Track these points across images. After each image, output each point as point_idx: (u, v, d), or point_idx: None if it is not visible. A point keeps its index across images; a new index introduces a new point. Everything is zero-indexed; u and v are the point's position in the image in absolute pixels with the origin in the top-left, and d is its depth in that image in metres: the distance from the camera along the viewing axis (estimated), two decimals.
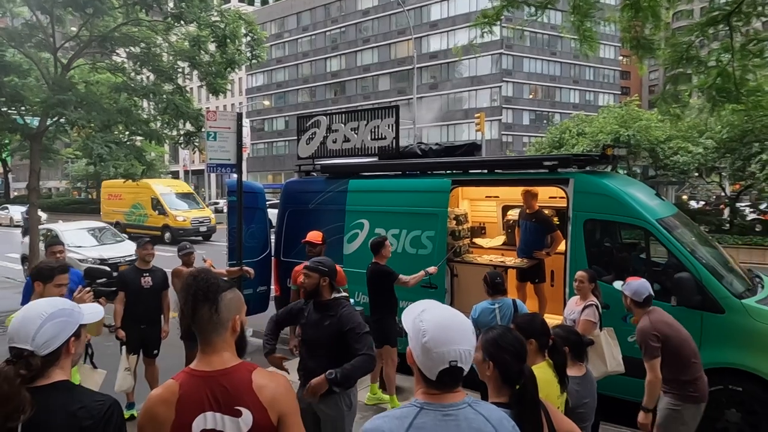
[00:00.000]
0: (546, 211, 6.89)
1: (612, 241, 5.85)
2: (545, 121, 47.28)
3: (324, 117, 7.58)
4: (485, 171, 6.37)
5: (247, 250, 7.23)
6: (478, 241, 7.57)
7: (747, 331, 4.48)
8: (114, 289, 5.09)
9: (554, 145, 23.58)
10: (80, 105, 9.23)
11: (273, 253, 7.63)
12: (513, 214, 7.44)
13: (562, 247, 6.01)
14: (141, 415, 1.72)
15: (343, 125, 7.31)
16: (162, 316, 5.32)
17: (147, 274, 5.19)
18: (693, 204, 30.10)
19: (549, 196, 6.82)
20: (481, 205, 7.90)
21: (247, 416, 1.70)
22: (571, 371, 2.87)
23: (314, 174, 7.56)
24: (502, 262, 6.46)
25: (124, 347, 5.06)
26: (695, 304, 4.56)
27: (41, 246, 10.26)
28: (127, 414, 4.87)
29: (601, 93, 56.41)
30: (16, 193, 49.26)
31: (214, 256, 7.58)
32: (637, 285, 3.68)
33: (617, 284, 3.91)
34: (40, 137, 10.14)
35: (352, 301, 5.28)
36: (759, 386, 4.38)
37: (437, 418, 1.45)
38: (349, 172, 7.16)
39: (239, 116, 7.18)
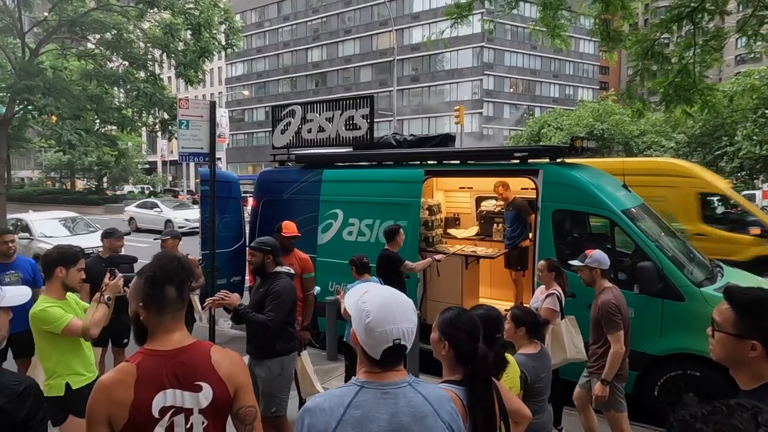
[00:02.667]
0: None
1: (580, 232, 5.96)
2: (525, 115, 47.69)
3: (299, 107, 7.53)
4: (458, 162, 6.42)
5: (221, 239, 7.17)
6: (452, 231, 7.64)
7: (706, 318, 4.61)
8: (134, 275, 5.03)
9: (532, 139, 23.85)
10: (48, 91, 9.01)
11: (247, 243, 7.59)
12: (486, 205, 7.53)
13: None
14: (91, 400, 1.70)
15: (317, 115, 7.28)
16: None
17: (126, 264, 5.12)
18: None
19: (521, 187, 6.91)
20: (455, 196, 7.97)
21: (207, 390, 1.76)
22: (528, 349, 2.97)
23: (289, 164, 7.53)
24: (473, 251, 6.54)
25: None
26: (656, 292, 4.69)
27: None
28: None
29: (581, 87, 57.13)
30: None
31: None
32: (599, 254, 3.84)
33: (574, 262, 4.01)
34: (6, 124, 9.88)
35: (318, 289, 5.38)
36: (716, 371, 4.54)
37: (376, 396, 1.48)
38: (323, 162, 7.16)
39: (212, 105, 7.09)
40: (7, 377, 1.69)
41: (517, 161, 5.80)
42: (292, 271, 4.09)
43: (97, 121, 10.67)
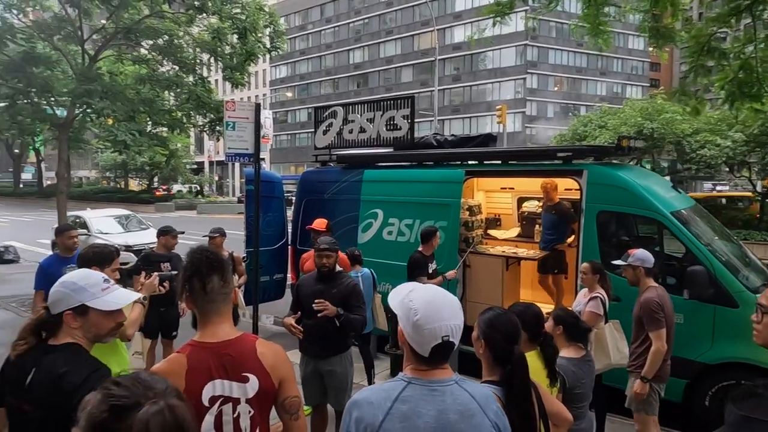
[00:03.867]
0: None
1: (626, 234, 5.79)
2: (570, 114, 46.49)
3: (340, 108, 7.64)
4: (499, 162, 6.36)
5: (264, 238, 7.36)
6: (492, 232, 7.56)
7: None
8: (175, 272, 5.29)
9: (576, 138, 23.19)
10: (105, 95, 9.50)
11: (290, 242, 7.77)
12: (528, 206, 7.41)
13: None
14: None
15: (359, 116, 7.37)
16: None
17: (167, 264, 5.35)
18: (723, 200, 29.25)
19: (565, 188, 6.77)
20: (497, 197, 7.88)
21: (253, 381, 1.83)
22: (569, 352, 2.91)
23: (331, 164, 7.66)
24: (514, 253, 6.45)
25: (140, 332, 5.25)
26: (708, 297, 4.50)
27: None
28: None
29: (629, 85, 55.16)
30: (48, 182, 50.80)
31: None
32: (642, 252, 3.77)
33: (618, 261, 3.96)
34: (68, 126, 10.48)
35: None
36: None
37: (423, 392, 1.50)
38: (364, 162, 7.23)
39: (257, 107, 7.29)
40: (80, 363, 1.77)
41: (561, 161, 5.69)
42: (346, 272, 4.28)
43: (150, 122, 11.15)
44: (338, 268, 3.95)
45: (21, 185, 52.33)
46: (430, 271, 5.33)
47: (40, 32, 10.27)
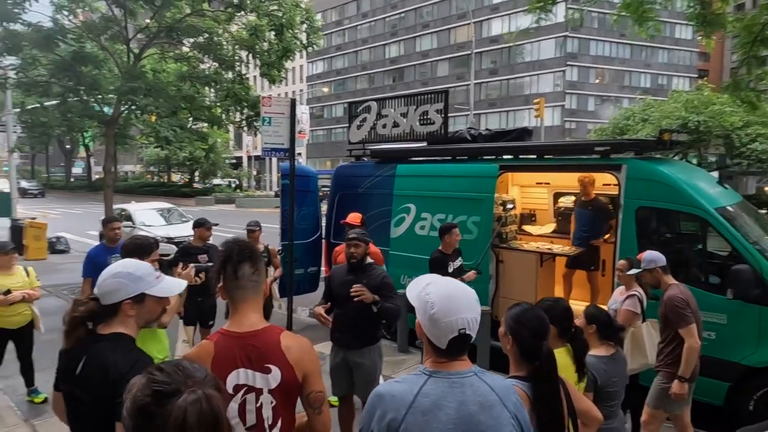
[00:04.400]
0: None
1: (667, 231, 5.60)
2: (612, 107, 45.05)
3: (374, 102, 7.68)
4: (534, 157, 6.25)
5: (299, 231, 7.50)
6: (527, 228, 7.45)
7: None
8: (211, 264, 5.51)
9: (618, 132, 22.50)
10: (149, 92, 9.85)
11: (324, 236, 7.88)
12: (565, 201, 7.26)
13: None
14: None
15: (392, 110, 7.38)
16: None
17: (204, 255, 5.54)
18: None
19: (602, 183, 6.60)
20: (532, 192, 7.75)
21: (276, 373, 1.86)
22: (600, 351, 2.87)
23: (364, 159, 7.71)
24: (549, 249, 6.34)
25: (181, 320, 5.47)
26: (754, 297, 4.32)
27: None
28: None
29: (676, 76, 52.98)
30: (96, 176, 53.04)
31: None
32: (650, 253, 3.73)
33: (632, 271, 3.90)
34: (114, 123, 10.92)
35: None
36: None
37: (444, 385, 1.52)
38: (397, 156, 7.25)
39: (293, 102, 7.42)
40: (128, 354, 1.83)
41: (599, 156, 5.55)
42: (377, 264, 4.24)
43: (190, 118, 11.49)
44: (369, 260, 3.98)
45: (72, 179, 54.88)
46: (451, 270, 5.15)
47: (89, 32, 10.73)
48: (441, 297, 1.55)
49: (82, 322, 1.84)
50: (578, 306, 4.18)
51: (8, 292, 4.62)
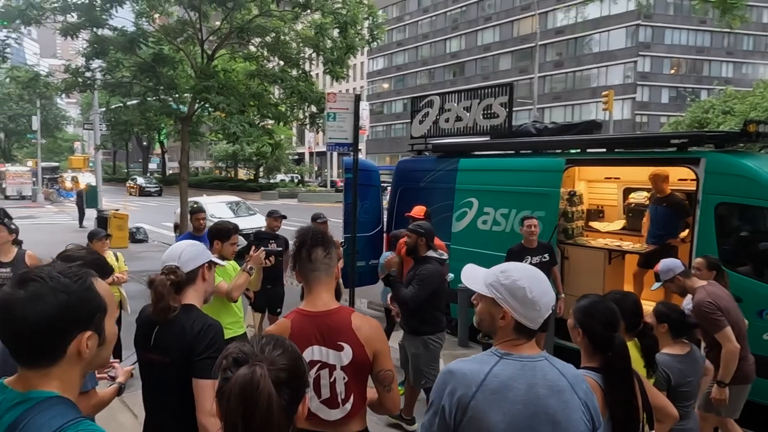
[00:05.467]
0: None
1: (750, 228, 5.25)
2: (688, 99, 42.29)
3: (437, 97, 7.68)
4: (604, 150, 6.03)
5: (361, 224, 7.64)
6: (594, 224, 7.21)
7: None
8: (280, 249, 5.88)
9: (696, 125, 21.12)
10: (221, 91, 10.35)
11: (385, 229, 7.99)
12: (636, 197, 6.95)
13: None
14: None
15: (455, 104, 7.36)
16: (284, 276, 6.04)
17: (273, 241, 5.81)
18: None
19: (678, 178, 6.27)
20: (600, 187, 7.48)
21: (347, 350, 1.98)
22: (674, 349, 2.77)
23: (426, 153, 7.73)
24: (618, 246, 6.11)
25: (250, 307, 5.77)
26: None
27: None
28: None
29: (762, 65, 48.91)
30: (170, 171, 56.23)
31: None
32: (665, 263, 3.57)
33: (655, 286, 3.70)
34: (189, 120, 11.56)
35: (451, 276, 5.39)
36: None
37: (515, 366, 1.55)
38: (459, 151, 7.22)
39: (357, 98, 7.55)
40: (200, 319, 2.06)
41: (675, 149, 5.28)
42: (445, 256, 4.47)
43: (258, 115, 11.96)
44: (431, 253, 4.17)
45: (148, 174, 58.49)
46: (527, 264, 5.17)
47: (166, 35, 11.40)
48: (530, 280, 1.59)
49: (168, 293, 2.03)
50: (649, 306, 4.03)
51: None
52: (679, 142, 5.23)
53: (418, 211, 5.29)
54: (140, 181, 43.41)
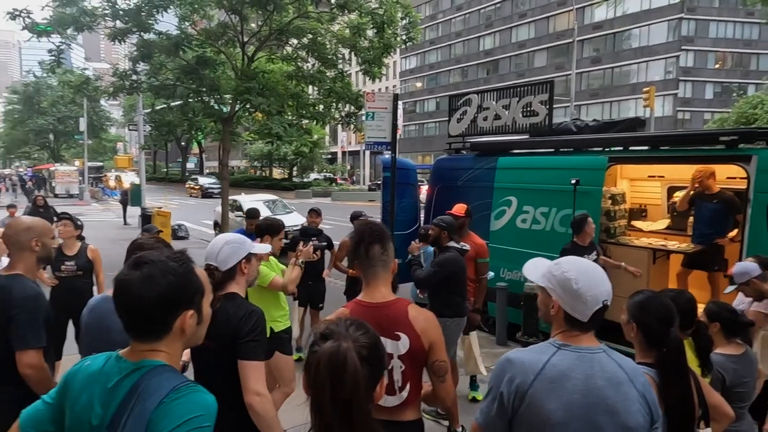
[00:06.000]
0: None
1: None
2: (735, 94, 40.62)
3: (476, 95, 7.68)
4: (648, 147, 5.92)
5: (398, 223, 7.71)
6: (637, 224, 7.06)
7: None
8: (325, 244, 6.14)
9: (743, 122, 20.29)
10: (261, 92, 10.62)
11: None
12: (680, 196, 6.77)
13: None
14: None
15: (494, 102, 7.34)
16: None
17: (314, 238, 5.94)
18: None
19: (726, 176, 6.09)
20: (643, 186, 7.32)
21: (404, 340, 2.06)
22: (728, 349, 2.73)
23: (464, 152, 7.74)
24: (663, 245, 5.98)
25: (296, 301, 5.93)
26: None
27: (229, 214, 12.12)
28: (295, 356, 5.69)
29: None
30: (207, 170, 57.72)
31: None
32: (740, 266, 3.47)
33: (728, 290, 3.58)
34: (230, 120, 11.90)
35: (491, 274, 5.51)
36: None
37: (572, 357, 1.59)
38: (498, 149, 7.20)
39: (395, 97, 7.64)
40: (243, 306, 2.21)
41: (724, 146, 5.14)
42: (467, 247, 4.63)
43: (295, 115, 12.21)
44: (453, 243, 4.55)
45: (187, 173, 60.14)
46: None
47: (208, 38, 11.76)
48: (581, 272, 1.62)
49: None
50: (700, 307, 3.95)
51: None
52: (729, 139, 5.08)
53: (459, 209, 5.32)
54: (202, 181, 40.36)
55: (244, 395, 2.05)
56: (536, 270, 1.74)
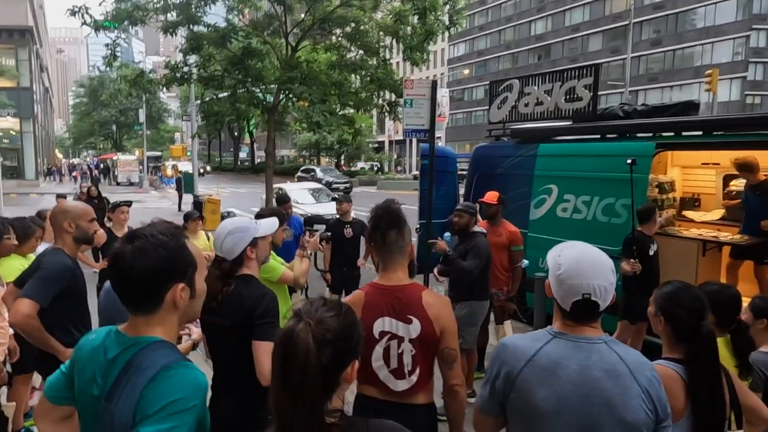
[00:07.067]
0: None
1: None
2: None
3: (517, 80, 7.46)
4: (700, 133, 5.57)
5: (436, 210, 7.65)
6: (689, 213, 6.70)
7: None
8: (330, 234, 6.12)
9: None
10: (304, 81, 10.76)
11: None
12: (737, 185, 6.36)
13: None
14: None
15: (536, 88, 7.11)
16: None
17: (348, 226, 6.00)
18: None
19: None
20: (696, 174, 6.91)
21: (416, 324, 2.06)
22: None
23: (504, 139, 7.56)
24: (714, 236, 5.64)
25: (327, 288, 6.03)
26: None
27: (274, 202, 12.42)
28: None
29: None
30: (258, 160, 59.26)
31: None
32: None
33: None
34: (274, 110, 12.15)
35: (526, 262, 5.55)
36: None
37: (568, 346, 1.53)
38: (539, 136, 6.99)
39: (434, 84, 7.54)
40: (257, 288, 2.28)
41: None
42: (483, 230, 4.74)
43: (338, 104, 12.30)
44: (478, 228, 4.61)
45: (239, 163, 62.03)
46: (651, 253, 4.84)
47: (254, 29, 12.01)
48: (570, 259, 1.57)
49: (216, 283, 2.22)
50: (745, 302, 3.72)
51: None
52: None
53: (491, 196, 5.22)
54: (320, 173, 32.03)
55: (258, 377, 2.10)
56: (553, 251, 1.68)
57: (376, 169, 48.45)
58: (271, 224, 2.55)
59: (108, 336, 1.37)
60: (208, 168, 51.26)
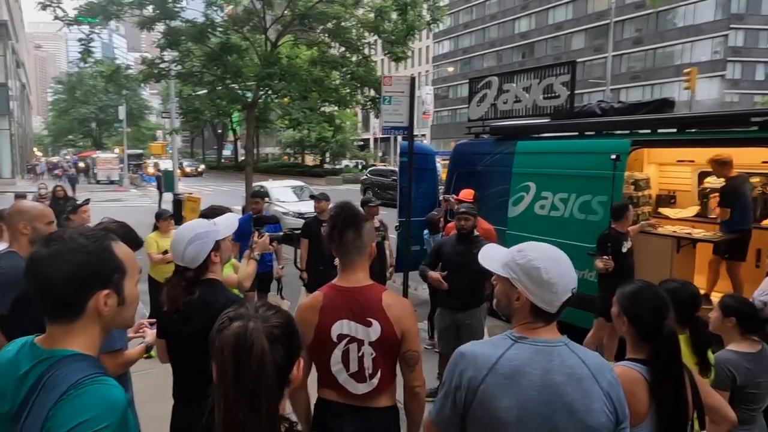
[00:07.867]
0: (756, 179, 5.81)
1: None
2: None
3: (495, 77, 7.44)
4: (675, 130, 5.59)
5: (416, 208, 7.61)
6: (664, 210, 6.74)
7: None
8: (282, 234, 5.95)
9: None
10: (283, 77, 10.64)
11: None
12: (712, 182, 6.41)
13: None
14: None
15: (514, 85, 7.10)
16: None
17: (325, 224, 5.92)
18: None
19: (761, 161, 5.72)
20: (671, 171, 6.96)
21: (376, 327, 2.00)
22: (742, 346, 2.54)
23: (484, 136, 7.54)
24: (688, 233, 5.68)
25: (303, 287, 5.93)
26: None
27: None
28: None
29: None
30: (242, 158, 58.67)
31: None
32: None
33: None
34: (254, 106, 12.00)
35: None
36: None
37: (530, 351, 1.47)
38: (517, 133, 6.97)
39: (412, 80, 7.47)
40: (223, 293, 2.18)
41: (756, 128, 4.80)
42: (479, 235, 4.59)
43: (319, 100, 12.19)
44: (476, 232, 4.39)
45: (222, 160, 61.39)
46: (624, 250, 4.84)
47: (234, 25, 11.83)
48: (549, 260, 1.50)
49: (181, 293, 2.15)
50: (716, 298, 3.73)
51: (166, 252, 5.41)
52: (762, 120, 4.74)
53: (466, 194, 5.21)
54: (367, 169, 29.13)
55: None
56: (494, 258, 1.60)
57: (360, 166, 48.34)
58: (230, 222, 2.46)
59: (22, 348, 1.24)
60: (202, 167, 50.21)
